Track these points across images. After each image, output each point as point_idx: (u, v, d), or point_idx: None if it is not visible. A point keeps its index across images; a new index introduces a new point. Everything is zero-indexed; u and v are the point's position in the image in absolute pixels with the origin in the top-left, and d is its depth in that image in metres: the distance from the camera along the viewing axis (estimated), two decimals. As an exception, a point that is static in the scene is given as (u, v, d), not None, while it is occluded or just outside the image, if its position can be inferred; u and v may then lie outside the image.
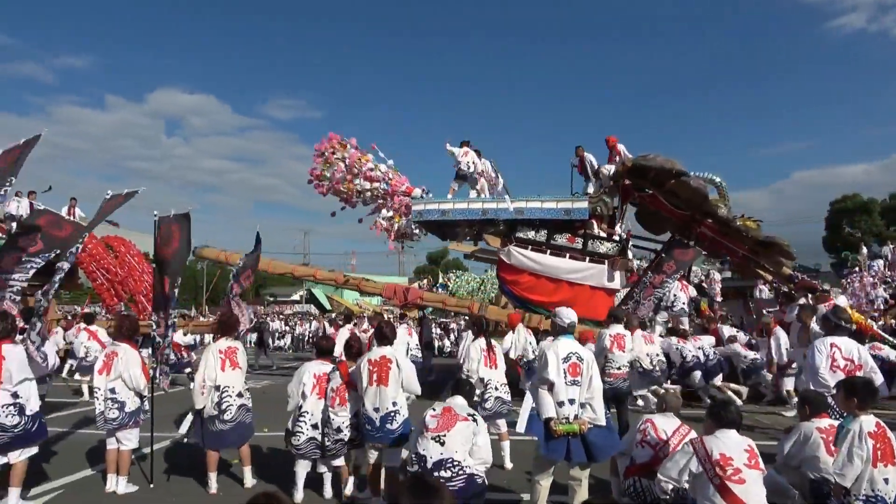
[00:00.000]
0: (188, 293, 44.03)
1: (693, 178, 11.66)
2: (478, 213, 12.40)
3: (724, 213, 12.00)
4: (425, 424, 4.36)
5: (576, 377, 4.62)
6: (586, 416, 4.58)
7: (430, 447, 4.22)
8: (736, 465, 3.62)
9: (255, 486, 5.84)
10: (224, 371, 5.70)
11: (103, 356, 5.98)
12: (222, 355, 5.75)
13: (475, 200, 12.77)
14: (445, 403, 4.52)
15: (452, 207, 12.57)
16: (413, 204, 12.88)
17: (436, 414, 4.39)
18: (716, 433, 3.82)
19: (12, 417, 5.09)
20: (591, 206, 11.99)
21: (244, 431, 5.81)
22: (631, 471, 4.60)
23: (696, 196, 11.76)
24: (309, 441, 5.40)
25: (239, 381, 5.80)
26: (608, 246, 12.12)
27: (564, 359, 4.64)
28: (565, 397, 4.57)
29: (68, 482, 6.03)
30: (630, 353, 8.21)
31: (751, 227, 12.13)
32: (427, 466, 4.17)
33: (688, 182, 11.53)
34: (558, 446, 4.54)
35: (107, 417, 5.72)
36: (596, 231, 12.28)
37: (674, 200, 12.09)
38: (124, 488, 5.71)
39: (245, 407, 5.82)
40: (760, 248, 12.48)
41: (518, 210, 12.15)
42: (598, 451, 4.59)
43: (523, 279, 12.08)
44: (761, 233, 12.21)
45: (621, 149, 12.50)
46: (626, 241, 12.64)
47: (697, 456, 3.74)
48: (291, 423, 5.53)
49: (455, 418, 4.36)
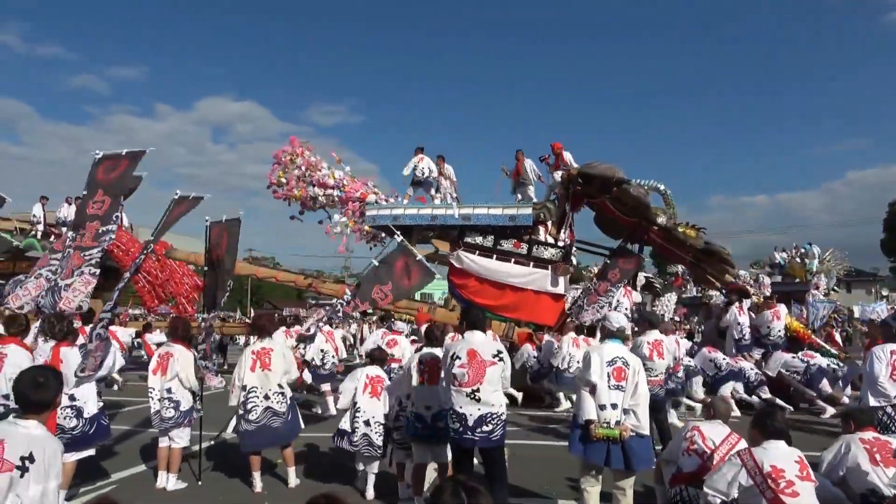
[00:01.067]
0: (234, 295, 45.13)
1: (634, 186, 11.91)
2: (427, 218, 12.77)
3: (664, 220, 12.13)
4: (454, 377, 4.52)
5: (620, 382, 4.57)
6: (629, 422, 4.52)
7: (466, 404, 4.54)
8: (788, 477, 3.49)
9: (298, 486, 5.93)
10: (253, 372, 5.81)
11: (157, 357, 6.17)
12: (254, 356, 5.87)
13: (425, 206, 13.14)
14: (467, 344, 4.66)
15: (403, 213, 12.97)
16: (367, 209, 13.33)
17: (463, 363, 4.55)
18: (764, 444, 3.70)
19: (70, 420, 5.28)
20: (535, 213, 12.27)
21: (268, 436, 5.81)
22: (678, 479, 4.50)
23: (638, 204, 11.99)
24: (363, 437, 5.58)
25: (267, 382, 5.83)
26: (552, 252, 12.47)
27: (609, 362, 4.61)
28: (607, 401, 4.54)
29: (121, 478, 6.23)
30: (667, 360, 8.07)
31: (690, 235, 12.30)
32: (469, 424, 4.55)
33: (628, 190, 11.80)
34: (598, 450, 4.50)
35: (162, 416, 5.89)
36: (542, 237, 12.62)
37: (621, 207, 12.32)
38: (174, 485, 5.87)
39: (272, 410, 5.80)
40: (703, 255, 12.69)
41: (465, 216, 12.54)
42: (637, 459, 4.52)
43: (471, 283, 12.35)
44: (701, 241, 12.40)
45: (567, 157, 12.79)
46: (569, 246, 12.94)
47: (747, 468, 3.60)
48: (349, 422, 5.68)
49: (483, 365, 4.58)
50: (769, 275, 22.37)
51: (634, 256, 12.65)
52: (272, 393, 5.83)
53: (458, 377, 4.61)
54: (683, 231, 12.28)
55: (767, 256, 24.43)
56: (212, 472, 6.43)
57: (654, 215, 12.08)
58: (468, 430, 4.59)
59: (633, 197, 11.88)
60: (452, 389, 4.64)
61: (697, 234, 12.35)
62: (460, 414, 4.61)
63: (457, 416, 4.62)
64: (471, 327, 4.87)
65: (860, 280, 37.38)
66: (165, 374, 5.96)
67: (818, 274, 21.27)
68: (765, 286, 21.10)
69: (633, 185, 11.81)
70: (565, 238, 12.87)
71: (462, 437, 4.62)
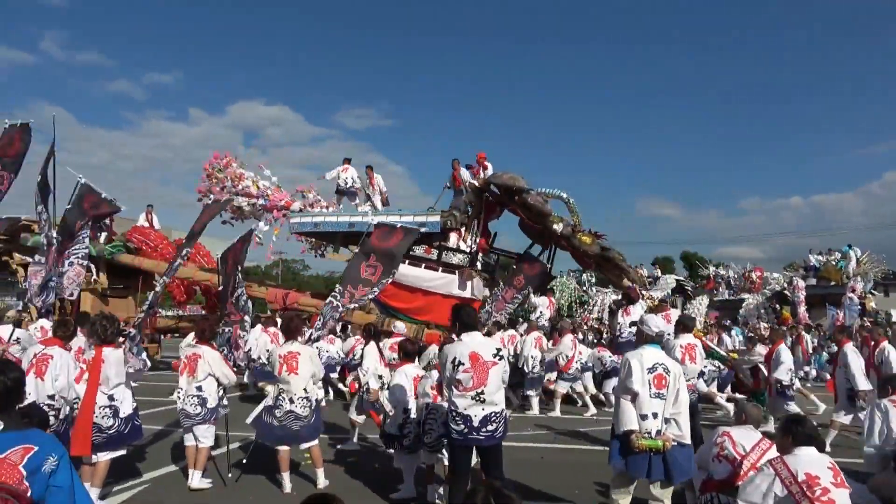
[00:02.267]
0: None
1: (532, 195, 12.57)
2: (345, 225, 13.52)
3: (560, 228, 12.70)
4: (459, 382, 4.51)
5: (661, 390, 4.41)
6: (671, 432, 4.38)
7: (471, 406, 4.52)
8: (823, 484, 3.38)
9: (326, 486, 5.95)
10: (280, 375, 5.95)
11: (184, 358, 6.27)
12: (281, 360, 5.96)
13: (344, 213, 13.94)
14: (467, 347, 4.60)
15: (324, 220, 13.80)
16: (291, 217, 14.02)
17: (467, 368, 4.53)
18: (795, 451, 3.59)
19: (107, 419, 5.40)
20: (442, 220, 12.83)
21: (287, 435, 5.90)
22: (709, 486, 4.35)
23: (537, 212, 12.64)
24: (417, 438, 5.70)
25: (293, 386, 5.90)
26: (460, 257, 12.99)
27: (650, 369, 4.44)
28: (649, 410, 4.37)
29: (153, 477, 6.32)
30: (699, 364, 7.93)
31: (585, 241, 12.85)
32: (474, 425, 4.51)
33: (526, 199, 12.47)
34: (640, 462, 4.35)
35: (188, 413, 5.98)
36: (452, 243, 13.22)
37: (528, 215, 13.00)
38: (198, 483, 5.92)
39: (294, 414, 5.86)
40: (602, 261, 13.30)
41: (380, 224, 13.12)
42: (679, 470, 4.38)
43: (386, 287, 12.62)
44: (596, 247, 12.92)
45: (488, 165, 13.38)
46: (476, 252, 13.42)
47: (781, 478, 3.46)
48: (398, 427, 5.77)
49: (486, 367, 4.57)
50: (804, 277, 21.92)
51: (539, 262, 13.42)
52: (297, 398, 5.90)
53: (462, 382, 4.56)
54: (580, 238, 12.86)
55: (802, 259, 23.93)
56: (240, 470, 6.45)
57: (551, 223, 12.75)
58: (473, 431, 4.55)
59: (531, 205, 12.63)
60: (456, 393, 4.59)
61: (593, 240, 12.94)
62: (465, 416, 4.55)
63: (462, 417, 4.57)
64: (466, 328, 4.75)
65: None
66: (193, 375, 6.06)
67: (855, 277, 20.74)
68: (799, 289, 20.65)
69: (531, 195, 12.52)
70: (472, 244, 13.49)
71: (467, 437, 4.57)
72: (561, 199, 13.18)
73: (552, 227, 12.74)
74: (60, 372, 5.33)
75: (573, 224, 13.07)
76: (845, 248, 22.32)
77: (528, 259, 13.45)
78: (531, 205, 12.58)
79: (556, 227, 12.72)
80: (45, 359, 5.34)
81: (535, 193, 12.63)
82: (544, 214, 12.70)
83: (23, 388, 2.68)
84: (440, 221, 12.87)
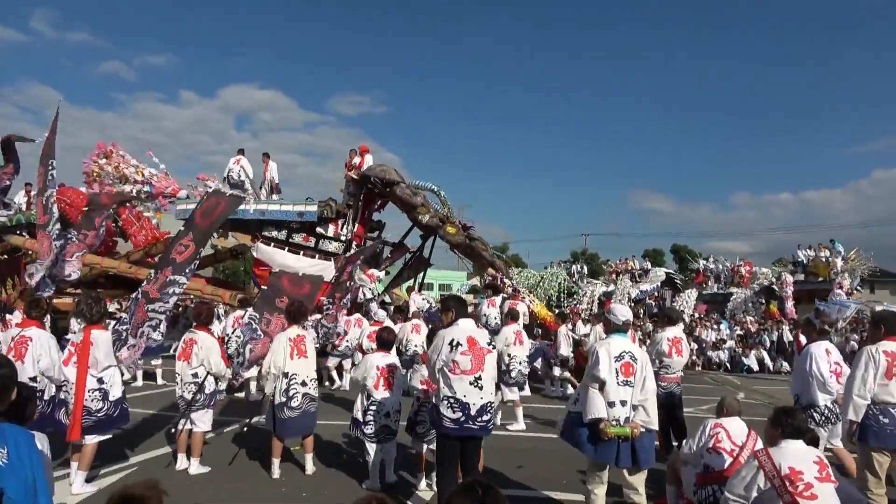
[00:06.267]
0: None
1: (401, 187, 13.31)
2: None
3: (427, 219, 13.50)
4: (457, 363, 4.46)
5: (628, 377, 4.45)
6: (639, 418, 4.43)
7: (470, 392, 4.46)
8: (807, 479, 3.34)
9: (314, 473, 5.98)
10: (292, 359, 5.83)
11: (182, 343, 6.26)
12: (291, 343, 5.87)
13: None
14: (464, 331, 4.59)
15: None
16: (177, 203, 14.25)
17: (465, 350, 4.49)
18: (781, 444, 3.56)
19: (97, 402, 5.38)
20: (319, 210, 13.44)
21: (307, 420, 5.93)
22: (707, 479, 4.32)
23: (405, 203, 13.38)
24: (382, 428, 5.67)
25: (304, 369, 5.90)
26: (336, 245, 13.68)
27: (617, 357, 4.48)
28: (616, 398, 4.40)
29: (140, 461, 6.31)
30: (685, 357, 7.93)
31: (450, 232, 13.64)
32: (472, 413, 4.45)
33: (395, 190, 13.21)
34: (608, 449, 4.39)
35: (187, 400, 5.97)
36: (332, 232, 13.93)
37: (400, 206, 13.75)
38: (196, 469, 5.91)
39: (309, 396, 5.91)
40: (468, 251, 14.32)
41: (260, 211, 13.79)
42: (645, 455, 4.44)
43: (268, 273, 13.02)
44: (460, 237, 13.76)
45: (368, 159, 14.11)
46: (351, 240, 14.08)
47: (765, 471, 3.44)
48: (361, 413, 5.70)
49: (482, 353, 4.56)
50: (792, 273, 22.09)
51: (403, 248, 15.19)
52: (309, 380, 5.91)
53: (460, 364, 4.48)
54: (446, 229, 13.65)
55: (791, 255, 24.10)
56: (233, 455, 6.49)
57: (417, 214, 13.50)
58: (470, 420, 4.46)
59: (399, 197, 13.35)
60: (453, 377, 4.49)
61: (458, 231, 13.74)
62: (464, 403, 4.46)
63: (460, 404, 4.46)
64: (459, 315, 4.74)
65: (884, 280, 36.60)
66: (189, 361, 6.04)
67: (842, 273, 20.93)
68: (787, 284, 20.80)
69: (400, 186, 13.39)
70: (348, 233, 14.17)
71: (463, 426, 4.46)
72: (432, 192, 14.01)
73: (419, 218, 13.56)
74: (42, 352, 5.27)
75: (443, 215, 13.78)
76: (835, 244, 22.47)
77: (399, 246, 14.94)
78: (399, 196, 13.37)
79: (422, 217, 13.58)
80: (23, 341, 5.29)
81: (404, 186, 13.42)
82: (412, 206, 13.52)
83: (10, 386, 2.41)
84: (317, 211, 13.50)
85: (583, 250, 52.71)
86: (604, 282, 21.66)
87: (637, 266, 24.73)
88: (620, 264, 25.24)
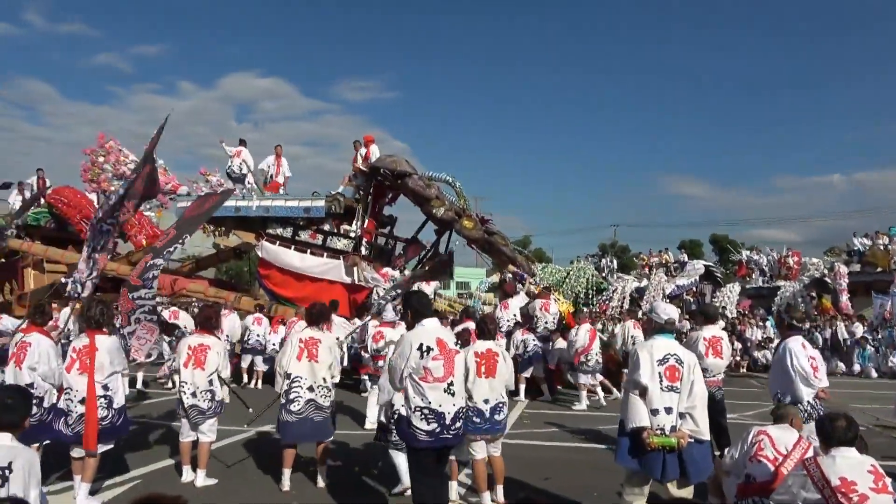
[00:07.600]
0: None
1: (413, 179, 12.48)
2: (232, 210, 13.21)
3: (442, 212, 12.71)
4: (429, 370, 4.13)
5: (674, 382, 4.15)
6: (686, 427, 4.10)
7: (444, 400, 4.14)
8: (861, 490, 3.12)
9: (326, 485, 5.67)
10: (299, 361, 5.59)
11: (188, 349, 5.92)
12: (301, 345, 5.63)
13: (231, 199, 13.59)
14: (431, 333, 4.23)
15: None
16: (177, 201, 13.79)
17: (437, 355, 4.16)
18: (831, 452, 3.33)
19: (102, 410, 5.19)
20: (327, 205, 12.76)
21: (309, 429, 5.59)
22: (750, 489, 4.01)
23: (417, 196, 12.61)
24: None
25: (312, 373, 5.60)
26: (345, 242, 13.08)
27: (661, 360, 4.17)
28: (661, 405, 4.10)
29: (145, 472, 6.09)
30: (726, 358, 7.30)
31: (466, 226, 12.91)
32: (447, 422, 4.12)
33: (407, 183, 12.45)
34: (653, 461, 4.06)
35: (200, 409, 5.71)
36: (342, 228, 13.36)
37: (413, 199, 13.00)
38: (203, 481, 5.69)
39: (315, 403, 5.58)
40: (486, 246, 13.47)
41: (264, 208, 13.22)
42: (695, 469, 4.09)
43: (274, 274, 12.76)
44: (478, 232, 12.98)
45: (373, 150, 13.45)
46: (360, 237, 13.39)
47: (813, 480, 3.23)
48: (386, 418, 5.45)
49: (452, 355, 4.26)
50: (846, 263, 20.85)
51: (418, 244, 14.22)
52: (317, 386, 5.61)
53: (433, 371, 4.13)
54: (462, 223, 12.95)
55: (845, 243, 22.86)
56: (241, 466, 6.29)
57: (431, 207, 12.75)
58: (445, 430, 4.13)
59: (412, 189, 12.62)
60: (426, 385, 4.13)
61: (475, 225, 13.06)
62: (439, 413, 4.10)
63: (434, 414, 4.09)
64: (420, 316, 4.35)
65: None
66: (202, 368, 5.78)
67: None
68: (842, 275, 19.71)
69: (413, 178, 12.50)
70: (358, 229, 13.50)
71: (439, 437, 4.13)
72: (447, 183, 13.30)
73: (433, 212, 12.86)
74: (40, 359, 5.24)
75: (459, 208, 13.10)
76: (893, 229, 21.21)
77: (413, 242, 14.01)
78: (412, 189, 12.66)
79: (436, 211, 12.83)
80: (23, 346, 5.28)
81: (416, 177, 12.69)
82: (426, 199, 12.79)
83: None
84: (325, 206, 12.93)
85: (612, 242, 51.21)
86: (636, 276, 20.80)
87: (672, 259, 23.73)
88: (654, 257, 24.22)
